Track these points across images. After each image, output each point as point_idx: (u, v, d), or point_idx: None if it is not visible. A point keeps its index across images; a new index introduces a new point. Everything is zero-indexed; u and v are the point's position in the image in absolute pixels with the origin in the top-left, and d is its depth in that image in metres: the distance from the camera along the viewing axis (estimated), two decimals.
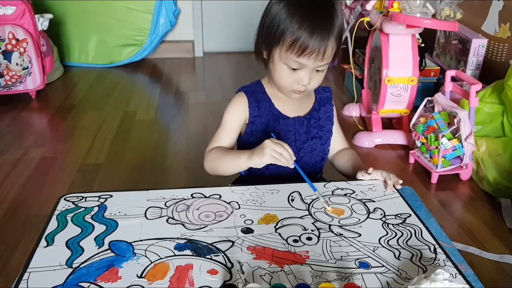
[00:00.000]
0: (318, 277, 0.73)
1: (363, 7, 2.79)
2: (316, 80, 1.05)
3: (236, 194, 0.96)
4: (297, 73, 1.02)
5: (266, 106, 1.11)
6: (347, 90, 2.92)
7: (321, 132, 1.15)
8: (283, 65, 1.02)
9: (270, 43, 1.02)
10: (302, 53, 0.98)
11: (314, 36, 0.96)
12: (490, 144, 1.89)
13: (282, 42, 1.00)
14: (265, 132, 1.10)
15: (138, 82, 3.22)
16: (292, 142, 1.11)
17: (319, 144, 1.15)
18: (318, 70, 1.03)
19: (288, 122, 1.12)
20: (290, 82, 1.04)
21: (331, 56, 1.02)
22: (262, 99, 1.12)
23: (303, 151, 1.13)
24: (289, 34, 0.98)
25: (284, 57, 1.01)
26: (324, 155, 1.18)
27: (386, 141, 2.25)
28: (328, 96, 1.18)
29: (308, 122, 1.14)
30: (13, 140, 2.26)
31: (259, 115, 1.11)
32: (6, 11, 2.54)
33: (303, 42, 0.97)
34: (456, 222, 1.70)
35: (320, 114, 1.16)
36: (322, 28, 0.97)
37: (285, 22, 0.98)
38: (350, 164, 1.16)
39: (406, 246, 0.82)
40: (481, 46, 2.41)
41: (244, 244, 0.81)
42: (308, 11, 0.98)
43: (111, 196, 0.95)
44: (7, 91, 2.63)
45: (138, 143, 2.25)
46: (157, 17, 3.24)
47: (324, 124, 1.16)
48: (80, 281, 0.72)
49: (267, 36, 1.03)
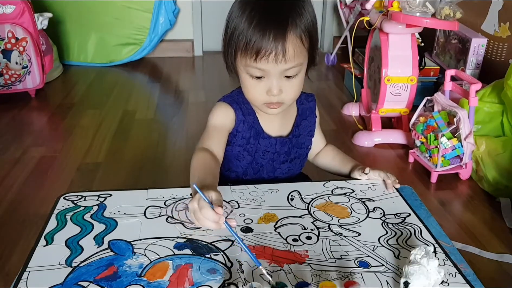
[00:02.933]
0: (318, 276, 0.73)
1: (362, 6, 2.79)
2: (291, 88, 0.93)
3: (236, 193, 0.96)
4: (263, 82, 0.91)
5: (250, 120, 1.01)
6: (347, 89, 2.92)
7: (300, 151, 1.09)
8: (246, 75, 0.91)
9: (232, 51, 0.91)
10: (258, 56, 0.86)
11: (267, 34, 0.85)
12: (489, 143, 1.89)
13: (238, 47, 0.89)
14: (245, 149, 1.03)
15: (137, 81, 3.22)
16: (269, 161, 1.05)
17: (297, 163, 1.09)
18: (289, 76, 0.91)
19: (269, 142, 1.03)
20: (259, 94, 0.92)
21: (299, 57, 0.89)
22: (247, 112, 1.01)
23: (279, 171, 1.07)
24: (242, 35, 0.87)
25: (244, 64, 0.90)
26: (300, 170, 1.13)
27: (385, 140, 2.25)
28: (311, 107, 1.08)
29: (290, 143, 1.05)
30: (13, 139, 2.26)
31: (243, 130, 1.02)
32: (6, 10, 2.54)
33: (255, 42, 0.86)
34: (455, 221, 1.70)
35: (301, 130, 1.07)
36: (276, 25, 0.86)
37: (237, 22, 0.89)
38: (338, 159, 1.12)
39: (406, 245, 0.82)
40: (481, 46, 2.41)
41: (243, 243, 0.81)
42: (259, 5, 0.87)
43: (110, 195, 0.95)
44: (6, 90, 2.63)
45: (138, 142, 2.25)
46: (156, 16, 3.24)
47: (304, 141, 1.08)
48: (80, 280, 0.72)
49: (227, 42, 0.92)
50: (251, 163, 1.06)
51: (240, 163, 1.06)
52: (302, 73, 0.94)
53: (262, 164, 1.06)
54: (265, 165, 1.06)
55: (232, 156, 1.05)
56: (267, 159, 1.05)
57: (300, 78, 0.94)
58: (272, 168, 1.07)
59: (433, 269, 0.67)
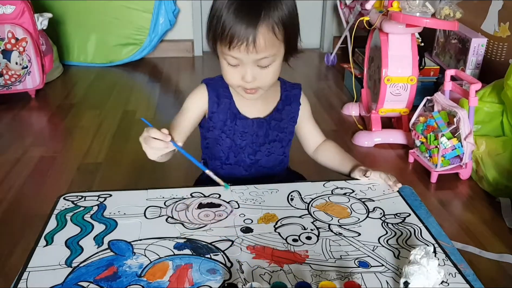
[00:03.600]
0: (318, 277, 0.73)
1: (362, 6, 2.79)
2: (265, 77, 0.96)
3: (236, 193, 0.96)
4: (238, 69, 0.95)
5: (226, 103, 1.06)
6: (347, 89, 2.92)
7: (281, 135, 1.11)
8: (224, 61, 0.96)
9: (212, 36, 0.95)
10: (231, 45, 0.90)
11: (239, 24, 0.89)
12: (489, 143, 1.89)
13: (216, 33, 0.93)
14: (223, 131, 1.08)
15: (137, 81, 3.22)
16: (249, 144, 1.09)
17: (278, 147, 1.11)
18: (262, 66, 0.94)
19: (246, 123, 1.07)
20: (235, 79, 0.97)
21: (271, 48, 0.92)
22: (223, 95, 1.06)
23: (260, 153, 1.10)
24: (219, 22, 0.91)
25: (221, 51, 0.95)
26: (284, 157, 1.14)
27: (385, 140, 2.25)
28: (296, 94, 1.11)
29: (268, 125, 1.08)
30: (13, 139, 2.26)
31: (217, 111, 1.06)
32: (6, 10, 2.54)
33: (229, 31, 0.89)
34: (455, 221, 1.70)
35: (283, 115, 1.10)
36: (248, 16, 0.89)
37: (218, 8, 0.92)
38: (339, 157, 1.14)
39: (406, 245, 0.82)
40: (481, 45, 2.41)
41: (243, 244, 0.81)
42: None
43: (110, 195, 0.95)
44: (6, 90, 2.62)
45: (138, 142, 2.23)
46: (156, 16, 3.24)
47: (286, 125, 1.11)
48: (80, 281, 0.72)
49: (208, 26, 0.96)
50: (231, 147, 1.09)
51: (220, 147, 1.10)
52: (276, 63, 0.96)
53: (242, 146, 1.09)
54: (244, 147, 1.09)
55: (213, 142, 1.10)
56: (246, 141, 1.08)
57: (274, 67, 0.96)
58: (253, 151, 1.10)
59: (433, 269, 0.67)
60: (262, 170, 1.12)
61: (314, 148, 1.18)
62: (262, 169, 1.12)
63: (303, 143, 1.19)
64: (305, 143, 1.19)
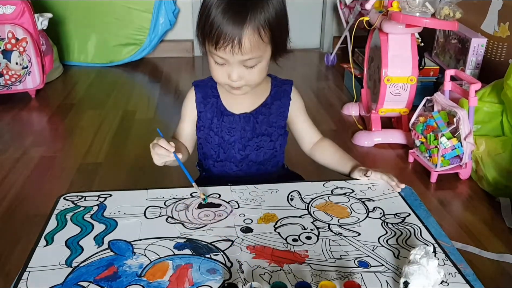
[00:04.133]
0: (318, 276, 0.73)
1: (362, 7, 2.79)
2: (251, 77, 0.98)
3: (236, 193, 0.96)
4: (224, 67, 0.97)
5: (213, 102, 1.09)
6: (347, 89, 2.92)
7: (270, 129, 1.11)
8: (211, 59, 0.99)
9: (201, 34, 0.97)
10: (217, 45, 0.92)
11: (225, 26, 0.90)
12: (489, 143, 1.89)
13: (204, 32, 0.94)
14: (211, 129, 1.10)
15: (137, 81, 3.22)
16: (238, 139, 1.10)
17: (267, 141, 1.12)
18: (248, 66, 0.96)
19: (233, 119, 1.09)
20: (222, 78, 0.99)
21: (256, 50, 0.93)
22: (210, 94, 1.10)
23: (249, 148, 1.11)
24: (207, 22, 0.92)
25: (209, 50, 0.97)
26: (275, 152, 1.14)
27: (385, 140, 2.25)
28: (286, 89, 1.12)
29: (254, 119, 1.09)
30: (13, 139, 2.26)
31: (205, 110, 1.10)
32: (6, 10, 2.54)
33: (216, 32, 0.91)
34: (455, 221, 1.70)
35: (272, 109, 1.11)
36: (234, 18, 0.90)
37: (207, 7, 0.93)
38: (337, 157, 1.13)
39: (406, 245, 0.82)
40: (481, 45, 2.41)
41: (243, 243, 0.81)
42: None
43: (110, 195, 0.95)
44: (6, 90, 2.63)
45: (138, 142, 2.25)
46: (156, 16, 3.24)
47: (275, 120, 1.11)
48: (80, 281, 0.72)
49: (198, 24, 0.97)
50: (220, 143, 1.11)
51: (210, 145, 1.12)
52: (262, 63, 0.98)
53: (231, 142, 1.11)
54: (233, 142, 1.11)
55: (204, 141, 1.13)
56: (235, 136, 1.10)
57: (259, 67, 0.98)
58: (242, 146, 1.11)
59: (433, 269, 0.67)
60: (253, 165, 1.13)
61: (310, 146, 1.17)
62: (252, 164, 1.12)
63: (298, 140, 1.19)
64: (300, 140, 1.19)
